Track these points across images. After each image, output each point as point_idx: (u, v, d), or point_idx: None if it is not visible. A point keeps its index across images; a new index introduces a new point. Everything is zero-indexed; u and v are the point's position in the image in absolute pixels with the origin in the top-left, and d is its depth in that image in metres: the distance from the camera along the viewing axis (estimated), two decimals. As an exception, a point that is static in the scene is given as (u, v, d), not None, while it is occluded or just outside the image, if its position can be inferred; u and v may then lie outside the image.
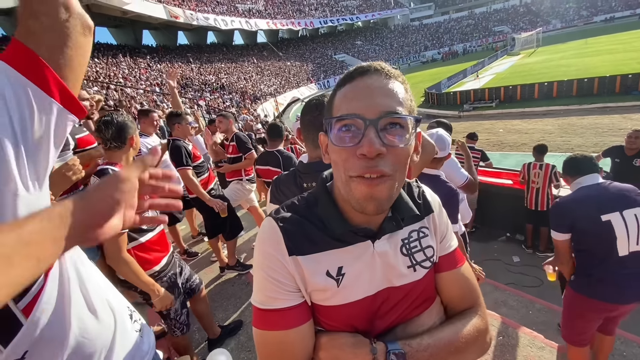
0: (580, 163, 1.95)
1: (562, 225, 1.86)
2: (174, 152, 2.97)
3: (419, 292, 0.69)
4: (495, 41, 51.26)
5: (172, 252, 2.01)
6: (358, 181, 0.55)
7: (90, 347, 0.73)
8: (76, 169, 1.61)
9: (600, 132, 9.77)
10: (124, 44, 31.67)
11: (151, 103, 14.23)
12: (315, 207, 0.67)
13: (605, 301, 1.83)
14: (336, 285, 0.63)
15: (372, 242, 0.65)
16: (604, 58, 20.39)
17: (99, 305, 0.77)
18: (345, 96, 0.59)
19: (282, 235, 0.63)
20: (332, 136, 0.58)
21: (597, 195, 1.81)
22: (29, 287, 0.62)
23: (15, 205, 0.57)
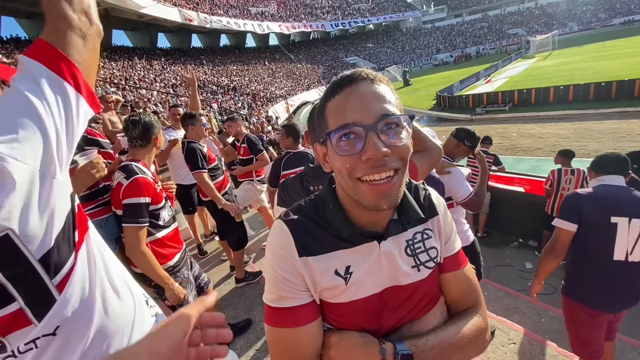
0: (609, 161, 1.90)
1: (573, 215, 1.82)
2: (189, 155, 2.93)
3: (424, 291, 0.72)
4: (510, 44, 50.49)
5: (184, 249, 2.06)
6: (368, 185, 0.59)
7: (114, 327, 0.77)
8: (100, 167, 1.71)
9: (618, 138, 9.51)
10: (140, 46, 32.41)
11: (166, 104, 14.53)
12: (323, 210, 0.70)
13: (596, 308, 1.84)
14: (344, 284, 0.66)
15: (378, 242, 0.68)
16: (623, 61, 19.87)
17: (121, 287, 0.81)
18: (339, 107, 0.61)
19: (292, 237, 0.67)
20: (334, 146, 0.60)
21: (613, 196, 1.78)
22: (62, 265, 0.66)
23: (52, 188, 0.63)
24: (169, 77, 23.50)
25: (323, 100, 0.65)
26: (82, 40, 0.70)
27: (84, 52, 0.70)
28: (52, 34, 0.66)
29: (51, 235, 0.63)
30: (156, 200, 1.76)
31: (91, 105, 0.71)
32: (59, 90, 0.65)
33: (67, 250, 0.67)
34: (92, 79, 0.73)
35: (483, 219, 5.16)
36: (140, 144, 1.78)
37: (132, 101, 11.90)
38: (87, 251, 0.73)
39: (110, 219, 1.81)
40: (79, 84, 0.68)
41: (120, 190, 1.66)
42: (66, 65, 0.66)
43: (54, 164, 0.63)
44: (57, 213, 0.64)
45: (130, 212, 1.65)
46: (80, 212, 0.74)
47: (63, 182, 0.66)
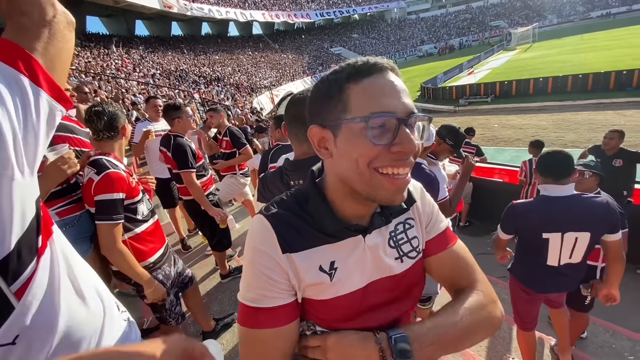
0: (554, 167, 1.81)
1: (508, 227, 1.98)
2: (177, 152, 2.70)
3: (408, 281, 0.72)
4: (492, 36, 51.22)
5: (167, 245, 2.00)
6: (387, 178, 0.57)
7: (80, 333, 0.74)
8: (71, 162, 1.60)
9: (594, 128, 9.87)
10: (116, 33, 31.10)
11: (145, 95, 14.06)
12: (305, 204, 0.67)
13: (532, 289, 2.00)
14: (329, 280, 0.64)
15: (363, 236, 0.66)
16: (600, 54, 20.51)
17: (87, 293, 0.78)
18: (369, 91, 0.57)
19: (274, 232, 0.63)
20: (366, 133, 0.55)
21: (550, 211, 1.80)
22: (22, 271, 0.62)
23: (11, 190, 0.59)
24: (148, 67, 22.71)
25: (340, 80, 0.59)
26: (47, 29, 0.66)
27: (50, 44, 0.66)
28: (15, 30, 0.63)
29: (9, 240, 0.59)
30: (131, 195, 1.68)
31: (57, 99, 0.67)
32: (15, 85, 0.60)
33: (28, 256, 0.64)
34: (61, 70, 0.69)
35: (465, 209, 5.28)
36: (108, 136, 1.69)
37: (110, 92, 11.45)
38: (51, 256, 0.70)
39: (84, 216, 1.73)
40: (38, 76, 0.63)
41: (92, 187, 1.57)
42: (23, 59, 0.62)
43: (10, 165, 0.59)
44: (17, 217, 0.60)
45: (103, 209, 1.57)
46: (45, 216, 0.70)
47: (26, 184, 0.62)
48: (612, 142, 3.75)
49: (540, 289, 1.98)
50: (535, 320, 2.11)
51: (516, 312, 2.16)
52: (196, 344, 0.51)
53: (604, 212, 1.75)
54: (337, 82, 0.60)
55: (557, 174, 1.80)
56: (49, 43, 0.66)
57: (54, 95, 0.66)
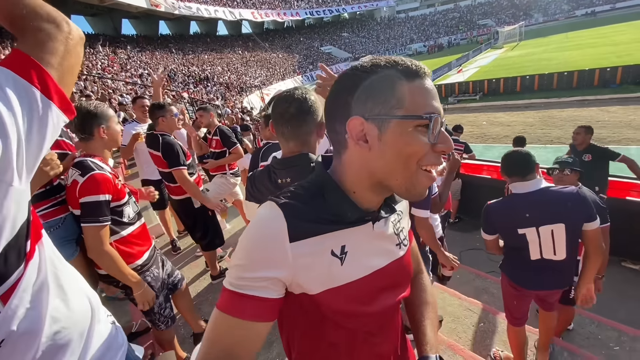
0: (514, 165, 1.89)
1: (487, 228, 2.05)
2: (167, 150, 2.67)
3: (406, 266, 0.78)
4: (480, 34, 51.84)
5: (154, 246, 1.98)
6: (426, 175, 0.61)
7: (66, 337, 0.74)
8: (54, 163, 1.57)
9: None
10: (102, 33, 30.52)
11: (133, 95, 13.83)
12: (319, 193, 0.67)
13: (520, 286, 2.03)
14: (340, 264, 0.65)
15: (372, 223, 0.69)
16: (584, 52, 20.96)
17: (74, 297, 0.78)
18: (422, 91, 0.60)
19: (284, 219, 0.61)
20: (421, 131, 0.59)
21: (521, 207, 1.85)
22: (9, 275, 0.63)
23: (7, 195, 0.60)
24: (135, 66, 22.35)
25: (391, 76, 0.59)
26: (63, 45, 0.70)
27: (65, 59, 0.70)
28: (30, 43, 0.66)
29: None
30: (118, 197, 1.66)
31: (64, 111, 0.70)
32: (25, 96, 0.62)
33: (16, 260, 0.64)
34: (69, 84, 0.73)
35: (455, 205, 5.34)
36: (82, 137, 1.64)
37: (96, 92, 11.23)
38: (39, 261, 0.70)
39: (68, 219, 1.70)
40: (50, 89, 0.66)
41: (76, 188, 1.54)
42: (36, 72, 0.64)
43: (11, 171, 0.60)
44: (9, 222, 0.61)
45: (89, 211, 1.54)
46: (35, 220, 0.70)
47: (21, 190, 0.63)
48: (579, 137, 3.87)
49: (529, 286, 2.01)
50: (525, 315, 2.14)
51: (507, 307, 2.20)
52: None
53: (575, 201, 1.76)
54: (390, 78, 0.59)
55: (520, 172, 1.87)
56: (64, 58, 0.69)
57: (62, 107, 0.69)
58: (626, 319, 2.83)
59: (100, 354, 0.84)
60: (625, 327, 2.69)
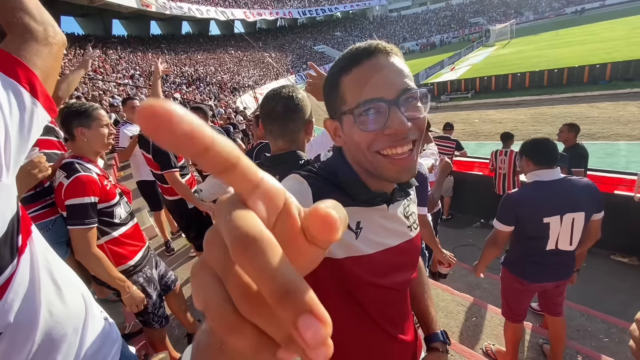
0: (546, 153, 1.88)
1: (508, 218, 1.93)
2: (157, 153, 2.65)
3: (416, 248, 0.82)
4: (471, 32, 52.21)
5: (147, 247, 1.97)
6: (388, 159, 0.60)
7: (61, 331, 0.76)
8: (42, 166, 1.56)
9: (569, 121, 10.19)
10: (93, 34, 30.15)
11: (124, 96, 13.69)
12: (334, 175, 0.70)
13: (528, 280, 2.02)
14: (355, 237, 0.68)
15: (387, 205, 0.73)
16: (574, 49, 21.20)
17: (68, 292, 0.80)
18: (358, 82, 0.60)
19: (310, 189, 0.65)
20: (356, 122, 0.60)
21: (547, 196, 1.84)
22: (3, 270, 0.65)
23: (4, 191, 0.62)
24: (127, 67, 22.12)
25: (336, 73, 0.63)
26: (47, 48, 0.73)
27: (47, 60, 0.73)
28: (16, 43, 0.69)
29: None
30: (106, 198, 1.65)
31: (48, 110, 0.73)
32: (13, 94, 0.65)
33: (9, 255, 0.66)
34: (52, 85, 0.77)
35: (447, 202, 5.39)
36: (66, 138, 1.63)
37: (87, 94, 11.11)
38: (31, 256, 0.72)
39: (59, 221, 1.68)
40: (36, 89, 0.69)
41: (62, 191, 1.53)
42: (23, 72, 0.67)
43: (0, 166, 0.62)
44: (0, 217, 0.63)
45: (74, 214, 1.52)
46: (24, 216, 0.72)
47: (8, 185, 0.65)
48: (562, 135, 3.95)
49: (537, 279, 1.99)
50: (525, 312, 2.14)
51: (507, 304, 2.18)
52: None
53: (593, 192, 1.81)
54: (334, 76, 0.64)
55: (551, 160, 1.87)
56: (47, 60, 0.73)
57: (45, 106, 0.72)
58: (615, 311, 2.89)
59: (95, 349, 0.85)
60: (615, 319, 2.74)
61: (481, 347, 2.45)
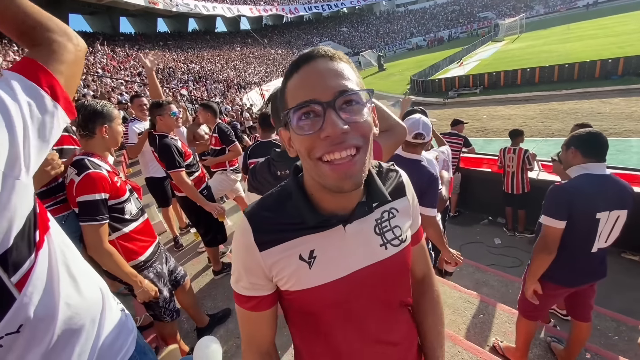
0: (601, 146, 1.76)
1: (561, 212, 1.73)
2: (163, 152, 2.65)
3: (393, 269, 0.73)
4: (480, 27, 51.45)
5: (157, 242, 2.00)
6: (329, 165, 0.57)
7: (79, 321, 0.79)
8: (55, 163, 1.60)
9: (580, 117, 10.05)
10: (101, 31, 30.43)
11: (132, 94, 13.81)
12: (288, 199, 0.70)
13: (560, 284, 1.92)
14: (308, 268, 0.67)
15: (343, 226, 0.67)
16: (586, 43, 20.79)
17: (85, 284, 0.83)
18: (296, 86, 0.59)
19: (252, 232, 0.67)
20: (294, 127, 0.59)
21: (599, 190, 1.72)
22: (21, 264, 0.67)
23: (15, 189, 0.64)
24: (134, 65, 22.30)
25: (283, 81, 0.64)
26: (72, 55, 0.78)
27: (71, 66, 0.78)
28: (44, 53, 0.74)
29: (9, 235, 0.64)
30: (117, 195, 1.68)
31: (67, 112, 0.76)
32: (34, 96, 0.69)
33: (27, 249, 0.68)
34: (73, 89, 0.81)
35: (454, 199, 5.36)
36: (84, 134, 1.66)
37: (96, 91, 11.24)
38: (49, 250, 0.74)
39: (71, 216, 1.72)
40: (57, 93, 0.73)
41: (73, 188, 1.56)
42: (44, 76, 0.71)
43: (18, 165, 0.65)
44: (18, 214, 0.65)
45: (86, 210, 1.56)
46: (42, 212, 0.75)
47: (26, 184, 0.67)
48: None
49: (574, 282, 1.88)
50: (546, 313, 2.08)
51: (528, 302, 2.01)
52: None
53: (630, 190, 1.75)
54: (282, 84, 0.65)
55: (604, 154, 1.78)
56: (71, 67, 0.78)
57: (65, 109, 0.76)
58: (625, 309, 2.86)
59: (112, 339, 0.88)
60: (624, 317, 2.71)
61: (488, 344, 2.44)
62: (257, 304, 0.72)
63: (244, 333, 0.78)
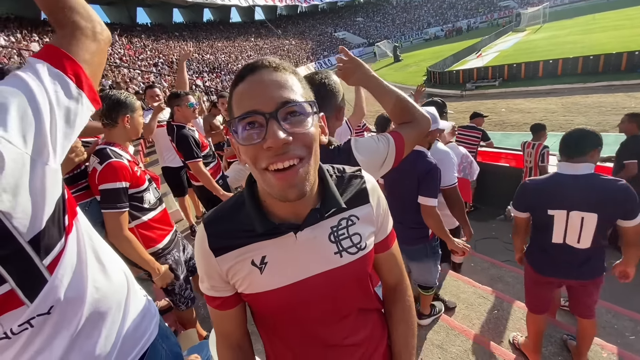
0: (569, 147, 1.82)
1: (520, 205, 2.00)
2: (180, 144, 2.71)
3: (348, 276, 0.73)
4: (501, 17, 49.70)
5: (175, 230, 2.05)
6: (273, 174, 0.58)
7: (106, 304, 0.82)
8: (78, 150, 1.66)
9: (604, 111, 9.65)
10: (118, 22, 30.84)
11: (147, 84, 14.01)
12: (244, 206, 0.71)
13: (541, 273, 2.02)
14: (259, 273, 0.69)
15: (294, 233, 0.68)
16: (611, 34, 19.85)
17: (111, 269, 0.86)
18: (241, 96, 0.60)
19: (207, 240, 0.70)
20: (238, 136, 0.59)
21: (556, 188, 1.81)
22: (52, 247, 0.69)
23: (45, 174, 0.66)
24: (150, 56, 22.58)
25: (230, 90, 0.64)
26: (95, 44, 0.78)
27: (95, 55, 0.77)
28: (67, 39, 0.74)
29: (41, 218, 0.66)
30: (137, 184, 1.72)
31: (92, 101, 0.77)
32: (59, 83, 0.69)
33: (57, 233, 0.70)
34: (98, 78, 0.82)
35: (471, 194, 5.27)
36: (107, 123, 1.71)
37: (113, 82, 11.45)
38: (77, 235, 0.77)
39: (94, 203, 1.77)
40: (82, 81, 0.73)
41: (95, 176, 1.61)
42: (70, 64, 0.72)
43: (47, 151, 0.66)
44: (48, 198, 0.67)
45: (107, 198, 1.61)
46: (69, 198, 0.77)
47: (56, 169, 0.69)
48: (622, 125, 3.68)
49: (548, 272, 1.98)
50: (546, 305, 2.10)
51: (526, 293, 2.20)
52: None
53: (620, 197, 1.68)
54: (230, 90, 0.65)
55: (568, 152, 1.82)
56: (95, 55, 0.78)
57: (90, 97, 0.76)
58: (645, 309, 2.78)
59: (137, 323, 0.91)
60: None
61: (502, 339, 2.43)
62: (221, 303, 0.76)
63: (215, 327, 0.83)
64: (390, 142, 1.09)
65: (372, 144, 1.10)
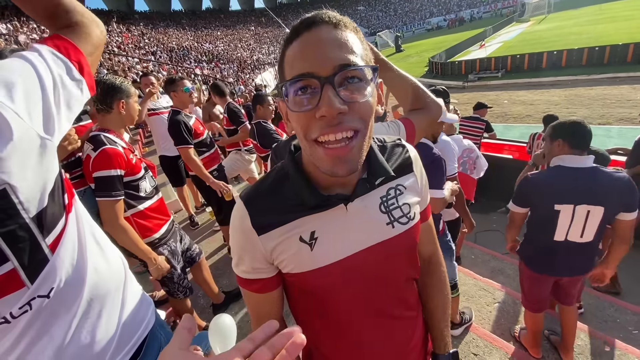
0: (582, 137, 1.74)
1: (521, 200, 1.94)
2: (171, 128, 2.68)
3: (400, 247, 0.70)
4: (505, 7, 48.96)
5: (172, 221, 2.02)
6: (324, 149, 0.53)
7: (105, 286, 0.81)
8: (72, 138, 1.61)
9: (608, 104, 9.55)
10: (116, 9, 30.38)
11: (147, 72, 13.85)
12: (286, 179, 0.66)
13: (538, 272, 1.97)
14: (309, 249, 0.64)
15: (345, 205, 0.64)
16: (618, 25, 19.57)
17: (109, 252, 0.87)
18: (295, 55, 0.53)
19: (249, 216, 0.65)
20: (289, 102, 0.53)
21: (565, 182, 1.75)
22: (54, 225, 0.69)
23: (47, 149, 0.67)
24: (149, 44, 22.29)
25: (282, 48, 0.57)
26: (96, 40, 0.84)
27: (96, 50, 0.84)
28: (75, 32, 0.79)
29: (45, 194, 0.66)
30: (132, 172, 1.67)
31: (90, 89, 0.80)
32: (63, 66, 0.72)
33: (59, 211, 0.70)
34: (95, 68, 0.86)
35: (472, 186, 5.23)
36: (101, 109, 1.65)
37: (110, 70, 11.30)
38: (77, 215, 0.77)
39: (88, 192, 1.72)
40: (83, 68, 0.77)
41: (89, 163, 1.56)
42: (73, 52, 0.76)
43: (52, 125, 0.67)
44: (50, 174, 0.68)
45: (101, 186, 1.56)
46: (66, 179, 0.77)
47: (56, 145, 0.70)
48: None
49: (547, 271, 1.94)
50: (543, 303, 2.07)
51: (523, 291, 2.15)
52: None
53: (625, 188, 1.65)
54: (282, 50, 0.57)
55: (582, 145, 1.74)
56: (95, 49, 0.84)
57: (89, 84, 0.79)
58: (647, 303, 2.77)
59: (136, 308, 0.91)
60: (646, 311, 2.62)
61: (502, 331, 2.42)
62: (262, 286, 0.70)
63: (251, 312, 0.77)
64: (401, 128, 1.04)
65: (382, 130, 1.07)
